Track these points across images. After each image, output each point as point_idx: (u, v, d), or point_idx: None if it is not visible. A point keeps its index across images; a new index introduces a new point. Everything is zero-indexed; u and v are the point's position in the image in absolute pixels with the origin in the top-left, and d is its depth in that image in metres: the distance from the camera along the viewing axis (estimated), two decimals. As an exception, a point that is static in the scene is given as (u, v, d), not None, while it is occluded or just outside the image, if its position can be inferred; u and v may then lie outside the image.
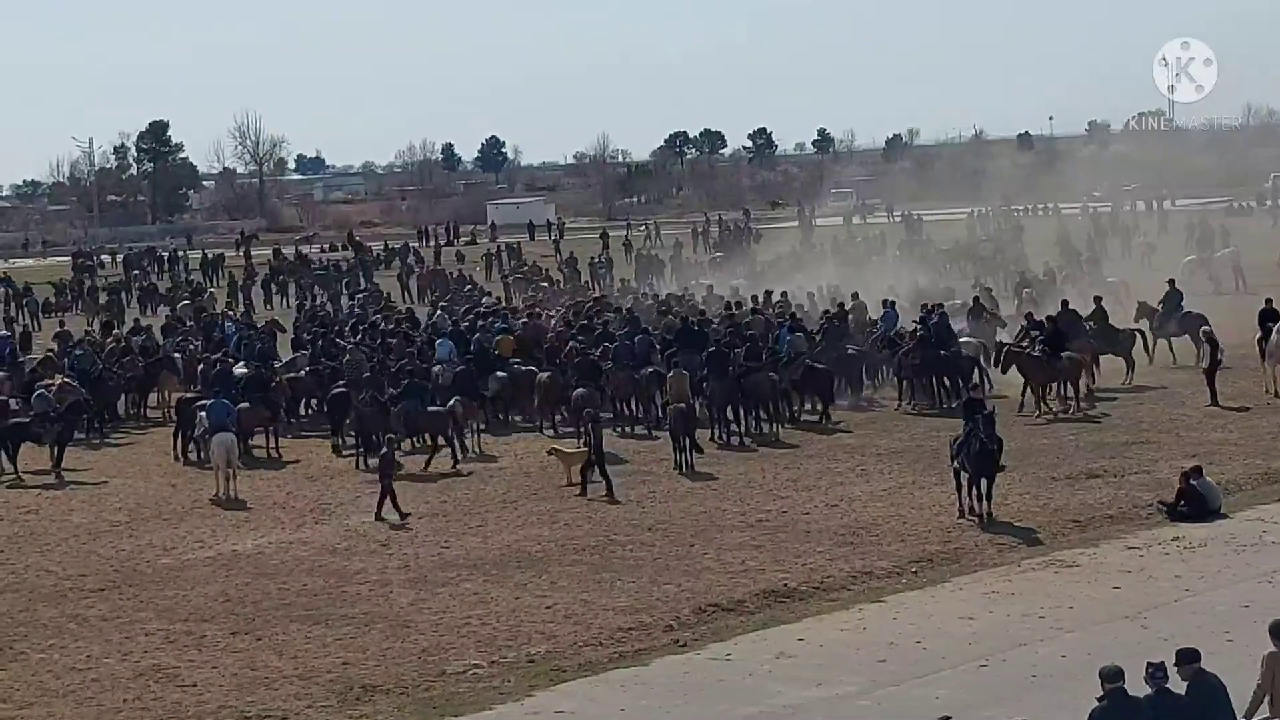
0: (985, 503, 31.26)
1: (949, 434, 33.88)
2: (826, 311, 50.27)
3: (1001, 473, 32.10)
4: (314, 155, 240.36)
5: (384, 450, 35.38)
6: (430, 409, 40.15)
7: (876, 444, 39.41)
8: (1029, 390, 41.99)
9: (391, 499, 33.82)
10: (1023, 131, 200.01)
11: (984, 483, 31.38)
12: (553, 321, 52.61)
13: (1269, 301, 44.53)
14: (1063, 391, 42.50)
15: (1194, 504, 30.89)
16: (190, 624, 27.03)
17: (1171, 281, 50.20)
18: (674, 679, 23.53)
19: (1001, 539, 29.98)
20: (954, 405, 39.94)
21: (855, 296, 53.12)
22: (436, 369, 44.51)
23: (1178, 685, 16.94)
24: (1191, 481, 31.20)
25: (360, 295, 73.08)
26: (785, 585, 27.61)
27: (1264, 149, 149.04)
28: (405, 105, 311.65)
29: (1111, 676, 16.71)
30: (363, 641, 25.62)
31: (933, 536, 30.45)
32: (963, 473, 31.63)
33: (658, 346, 45.19)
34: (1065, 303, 47.78)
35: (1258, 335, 44.02)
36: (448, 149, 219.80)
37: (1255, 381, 43.94)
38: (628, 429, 42.58)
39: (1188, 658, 17.07)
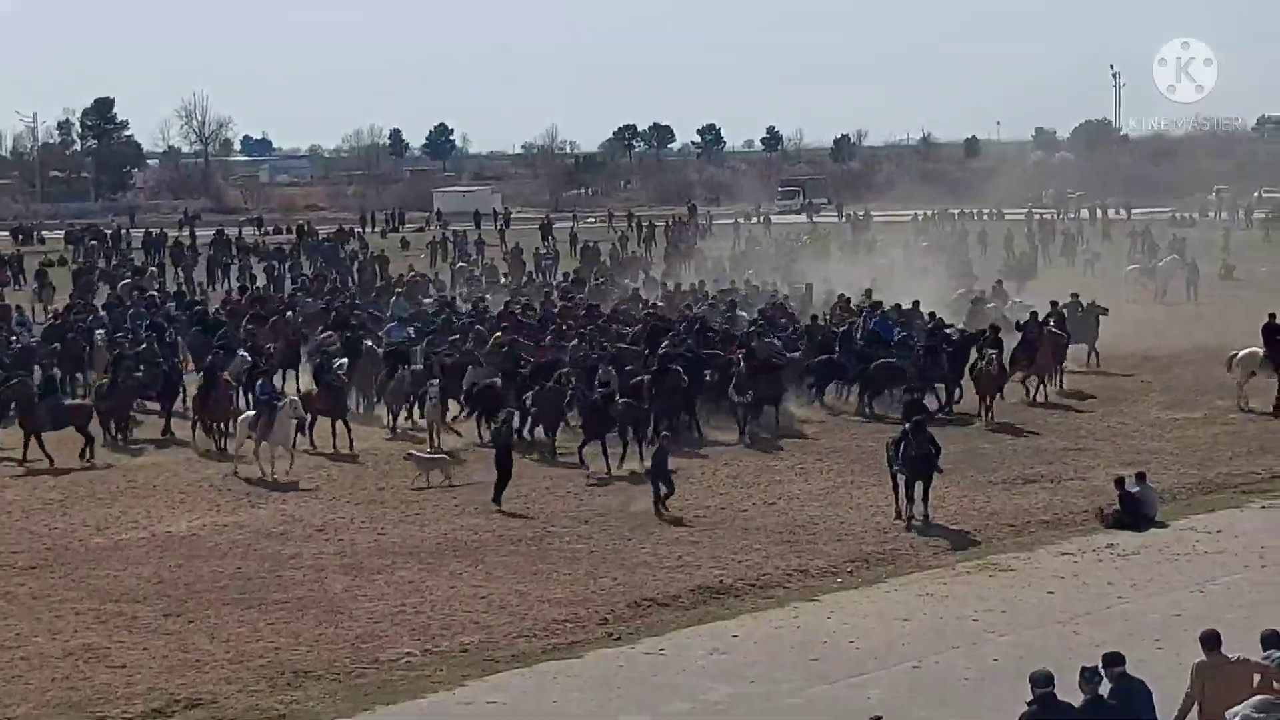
0: (923, 505, 31.31)
1: (888, 435, 33.96)
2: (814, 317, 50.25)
3: (939, 475, 32.16)
4: (260, 137, 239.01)
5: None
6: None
7: (817, 443, 39.46)
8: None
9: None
10: (970, 136, 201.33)
11: (920, 486, 31.46)
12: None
13: (1272, 316, 44.53)
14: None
15: (1130, 510, 31.04)
16: (122, 604, 26.87)
17: (1054, 303, 49.74)
18: (607, 672, 23.53)
19: (937, 541, 30.08)
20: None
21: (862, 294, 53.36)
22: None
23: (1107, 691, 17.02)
24: (1128, 488, 31.37)
25: (302, 278, 72.93)
26: (721, 581, 27.63)
27: (1210, 160, 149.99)
28: (353, 90, 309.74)
29: (1042, 681, 16.78)
30: (296, 627, 25.52)
31: (869, 537, 30.52)
32: (900, 475, 31.72)
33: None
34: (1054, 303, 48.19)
35: (1234, 354, 43.72)
36: (395, 135, 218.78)
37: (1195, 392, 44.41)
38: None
39: (1113, 661, 17.18)
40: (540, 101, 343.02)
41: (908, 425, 32.23)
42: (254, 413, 38.02)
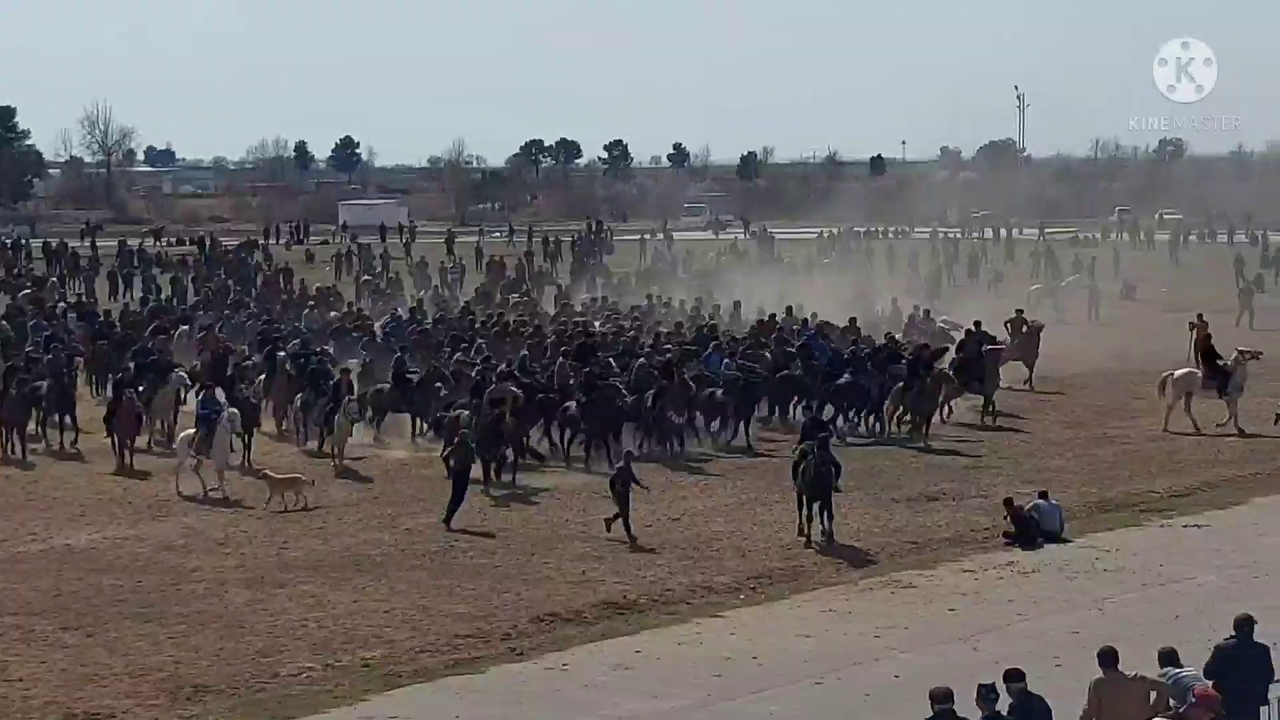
0: (827, 524, 31.32)
1: (791, 451, 34.06)
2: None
3: (840, 495, 32.23)
4: (164, 148, 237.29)
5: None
6: None
7: (721, 459, 39.55)
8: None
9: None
10: (875, 155, 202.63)
11: (819, 505, 31.50)
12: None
13: (1208, 337, 45.03)
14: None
15: (1027, 527, 31.26)
16: (19, 618, 26.58)
17: (977, 322, 49.91)
18: (510, 688, 23.49)
19: (840, 559, 30.20)
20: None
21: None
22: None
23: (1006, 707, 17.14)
24: (1017, 506, 31.62)
25: (206, 289, 72.54)
26: (625, 597, 27.65)
27: (1111, 182, 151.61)
28: (258, 101, 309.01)
29: (942, 698, 16.88)
30: (196, 641, 25.33)
31: (773, 553, 30.61)
32: (803, 496, 31.76)
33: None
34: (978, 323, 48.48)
35: (1168, 374, 43.86)
36: (301, 147, 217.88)
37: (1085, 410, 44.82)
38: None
39: (1014, 677, 17.32)
40: (447, 115, 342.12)
41: (809, 444, 32.31)
42: (193, 430, 37.57)
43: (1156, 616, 25.66)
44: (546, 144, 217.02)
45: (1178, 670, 18.34)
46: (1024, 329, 50.51)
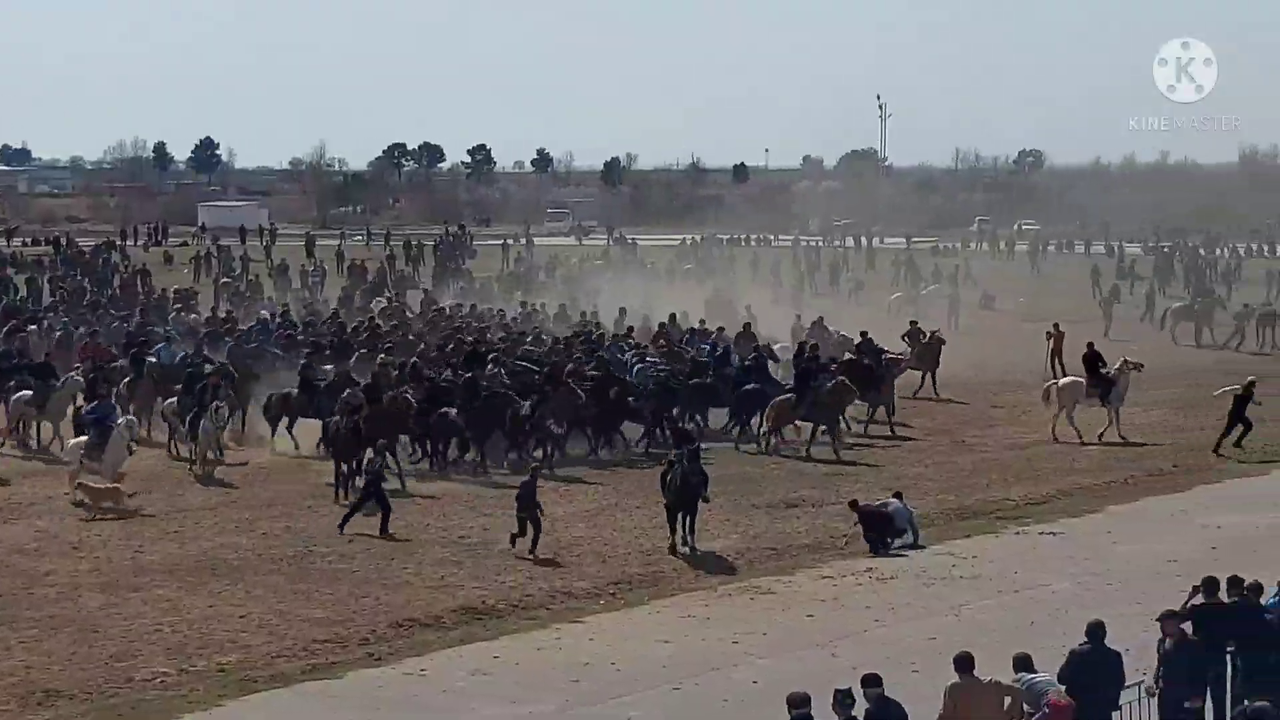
0: (690, 535, 31.29)
1: (652, 456, 34.14)
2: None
3: (704, 505, 32.22)
4: (20, 146, 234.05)
5: None
6: None
7: (581, 465, 39.53)
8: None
9: None
10: (739, 163, 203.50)
11: (686, 516, 31.49)
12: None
13: (1090, 344, 45.55)
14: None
15: (876, 527, 31.46)
16: None
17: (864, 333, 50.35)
18: (367, 693, 23.36)
19: (700, 564, 30.24)
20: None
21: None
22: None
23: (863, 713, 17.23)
24: (863, 505, 31.83)
25: (61, 290, 71.62)
26: (484, 602, 27.57)
27: (971, 193, 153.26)
28: (117, 100, 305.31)
29: (799, 703, 16.95)
30: (49, 645, 25.00)
31: (633, 559, 30.63)
32: (671, 505, 31.68)
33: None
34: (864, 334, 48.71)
35: (1052, 383, 44.36)
36: (160, 147, 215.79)
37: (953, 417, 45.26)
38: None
39: (871, 682, 17.43)
40: (309, 117, 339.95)
41: (677, 453, 32.28)
42: (85, 436, 36.93)
43: (1011, 623, 25.89)
44: (409, 147, 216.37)
45: (1032, 675, 18.55)
46: (921, 339, 50.95)
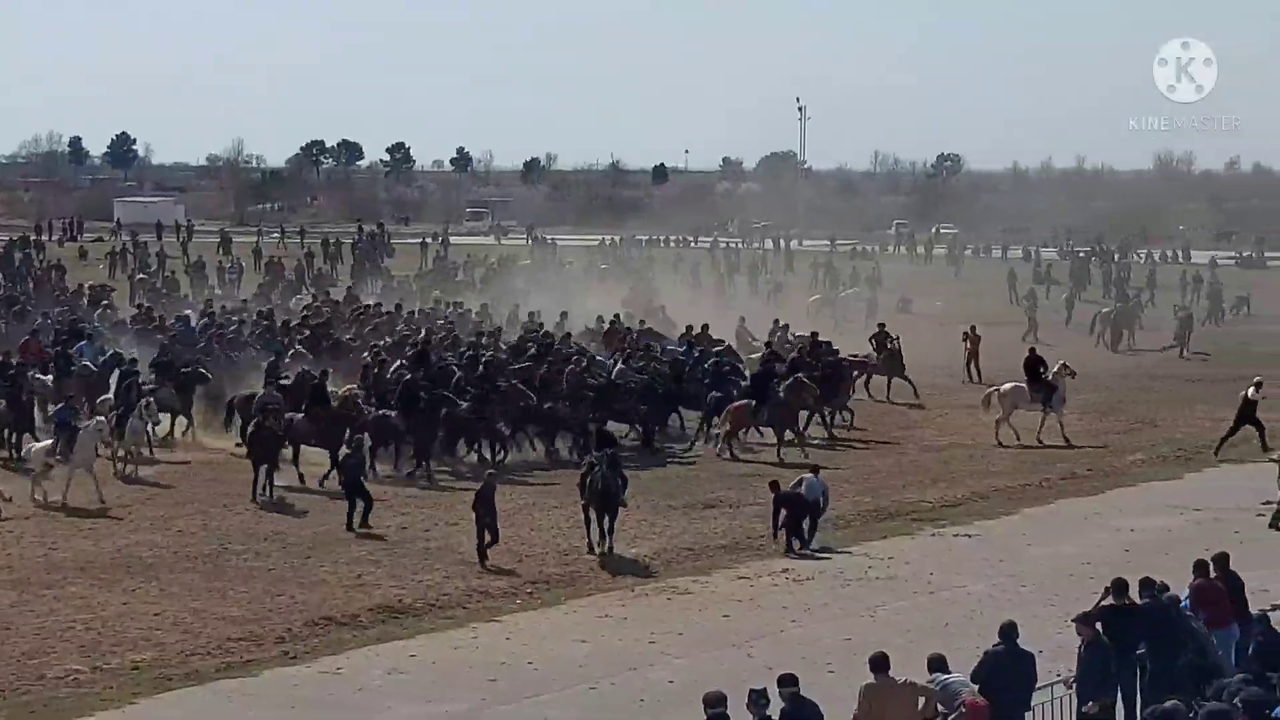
0: (609, 536, 31.21)
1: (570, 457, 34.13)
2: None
3: (624, 509, 32.17)
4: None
5: None
6: None
7: (502, 466, 39.43)
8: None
9: None
10: (658, 164, 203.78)
11: (606, 519, 31.45)
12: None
13: (1032, 350, 45.96)
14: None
15: (791, 505, 31.56)
16: None
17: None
18: (282, 691, 23.29)
19: (617, 564, 30.26)
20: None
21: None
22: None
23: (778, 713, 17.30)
24: (780, 487, 31.96)
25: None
26: (400, 601, 27.53)
27: (890, 196, 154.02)
28: (31, 95, 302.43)
29: (714, 702, 17.00)
30: (-40, 643, 24.81)
31: (549, 559, 30.64)
32: (589, 509, 31.67)
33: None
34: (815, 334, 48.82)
35: (994, 389, 44.40)
36: (75, 142, 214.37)
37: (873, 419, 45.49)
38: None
39: (786, 682, 17.49)
40: (226, 114, 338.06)
41: (598, 455, 32.23)
42: (50, 440, 36.45)
43: (927, 623, 26.05)
44: (328, 145, 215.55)
45: (947, 676, 18.67)
46: (888, 344, 51.13)
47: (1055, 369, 44.12)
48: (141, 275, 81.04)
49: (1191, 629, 20.49)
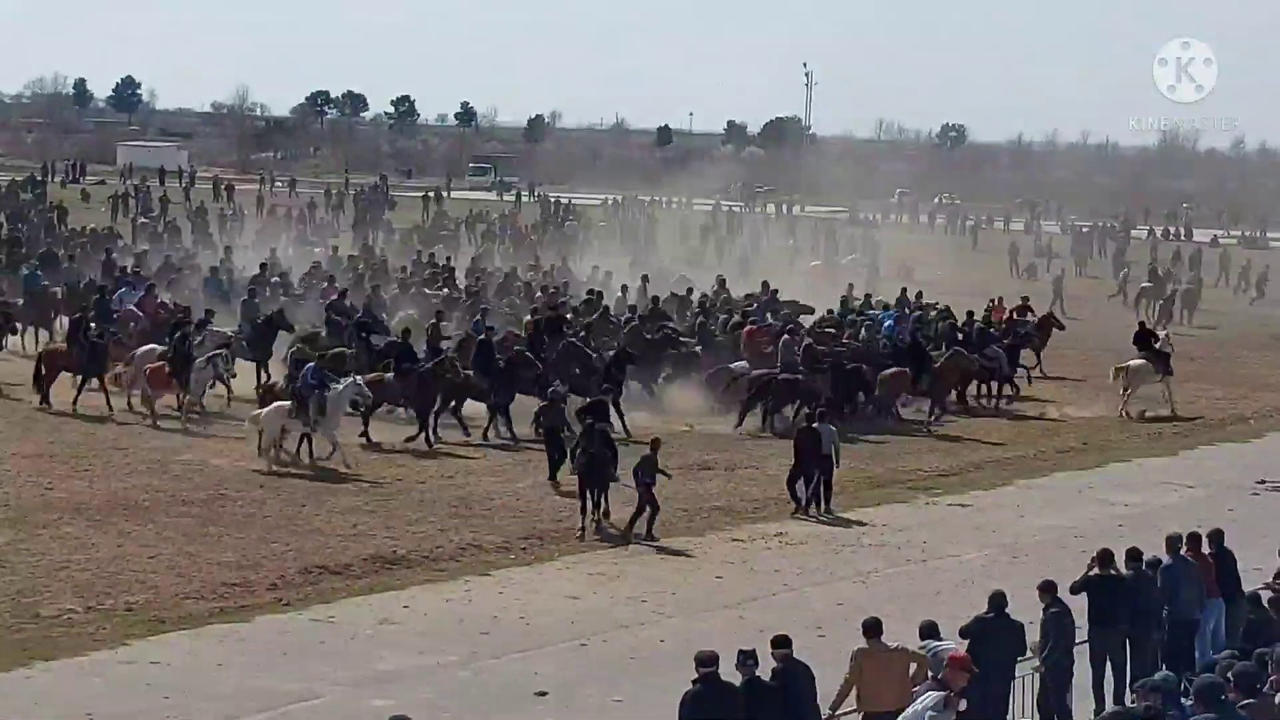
0: (597, 511, 30.49)
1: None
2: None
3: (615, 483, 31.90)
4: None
5: None
6: None
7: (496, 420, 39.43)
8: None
9: None
10: (663, 125, 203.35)
11: (596, 490, 31.15)
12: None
13: (1142, 325, 47.05)
14: None
15: (810, 450, 31.69)
16: None
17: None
18: (274, 637, 23.36)
19: (610, 523, 30.27)
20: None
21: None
22: None
23: (768, 673, 17.35)
24: (812, 425, 32.29)
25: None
26: (394, 552, 27.59)
27: (894, 164, 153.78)
28: (37, 36, 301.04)
29: (706, 661, 17.04)
30: (-46, 579, 24.88)
31: (544, 514, 30.69)
32: (581, 479, 31.37)
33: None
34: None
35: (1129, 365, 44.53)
36: (80, 84, 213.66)
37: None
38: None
39: (780, 644, 17.53)
40: (232, 61, 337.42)
41: (595, 427, 31.98)
42: (289, 402, 34.72)
43: (918, 591, 26.15)
44: (333, 95, 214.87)
45: (937, 643, 18.71)
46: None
47: (1163, 337, 45.62)
48: (143, 219, 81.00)
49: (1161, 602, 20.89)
